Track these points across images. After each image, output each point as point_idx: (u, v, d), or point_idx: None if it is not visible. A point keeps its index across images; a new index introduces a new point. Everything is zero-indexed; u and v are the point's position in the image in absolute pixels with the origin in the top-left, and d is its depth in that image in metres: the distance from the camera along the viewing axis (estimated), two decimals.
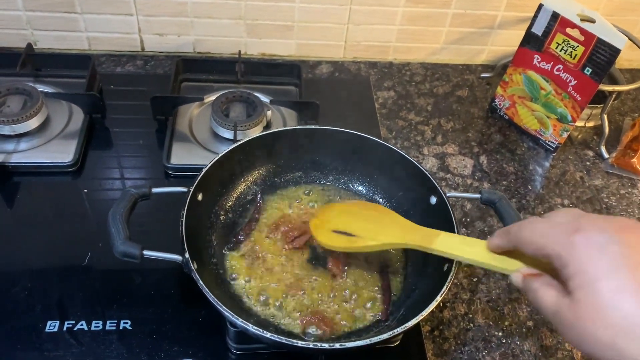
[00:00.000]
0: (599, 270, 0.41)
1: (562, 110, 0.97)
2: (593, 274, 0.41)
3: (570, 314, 0.42)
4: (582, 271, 0.41)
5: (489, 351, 0.73)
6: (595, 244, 0.41)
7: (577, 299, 0.41)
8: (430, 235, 0.62)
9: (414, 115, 1.07)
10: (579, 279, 0.41)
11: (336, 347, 0.57)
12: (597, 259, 0.41)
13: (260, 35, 1.11)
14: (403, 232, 0.66)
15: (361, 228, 0.69)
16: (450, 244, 0.60)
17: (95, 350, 0.67)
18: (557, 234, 0.44)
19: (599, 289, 0.40)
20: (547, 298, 0.45)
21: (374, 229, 0.68)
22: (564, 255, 0.43)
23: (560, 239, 0.44)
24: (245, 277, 0.71)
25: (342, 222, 0.70)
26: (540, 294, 0.46)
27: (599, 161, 1.03)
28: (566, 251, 0.43)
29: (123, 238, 0.61)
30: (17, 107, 0.91)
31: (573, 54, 0.92)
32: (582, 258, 0.42)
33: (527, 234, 0.48)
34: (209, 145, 0.93)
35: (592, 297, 0.40)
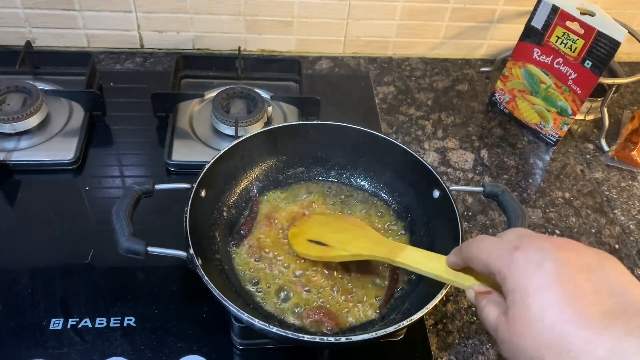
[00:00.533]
0: (531, 286, 0.41)
1: (562, 103, 0.98)
2: (525, 289, 0.41)
3: (505, 330, 0.42)
4: (517, 287, 0.42)
5: (492, 344, 0.74)
6: (532, 260, 0.42)
7: (511, 315, 0.42)
8: (396, 248, 0.64)
9: (415, 110, 1.07)
10: (514, 295, 0.42)
11: (342, 341, 0.57)
12: (531, 276, 0.41)
13: (260, 31, 1.11)
14: (372, 244, 0.68)
15: (334, 239, 0.72)
16: (414, 258, 0.62)
17: (99, 347, 0.67)
18: (500, 250, 0.45)
19: (529, 304, 0.40)
20: (489, 315, 0.46)
21: (345, 240, 0.71)
22: (503, 272, 0.44)
23: (502, 255, 0.44)
24: (249, 273, 0.71)
25: (317, 232, 0.73)
26: (485, 311, 0.47)
27: (599, 154, 1.03)
28: (506, 267, 0.43)
29: (127, 234, 0.61)
30: (17, 105, 0.90)
31: (573, 47, 0.92)
32: (519, 274, 0.42)
33: (474, 250, 0.48)
34: (210, 142, 0.93)
35: (522, 312, 0.41)
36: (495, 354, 0.72)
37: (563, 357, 0.38)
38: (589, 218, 0.92)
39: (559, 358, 0.38)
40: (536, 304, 0.40)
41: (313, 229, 0.74)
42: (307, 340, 0.57)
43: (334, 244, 0.71)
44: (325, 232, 0.73)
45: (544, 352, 0.39)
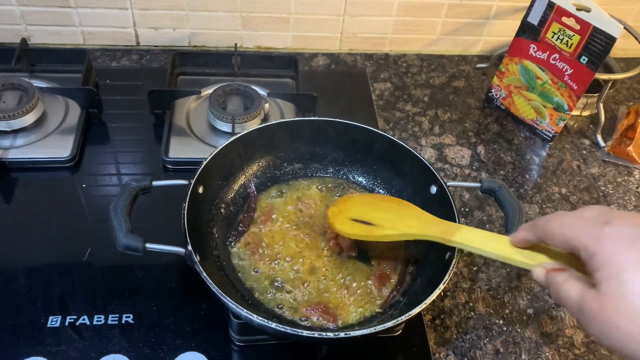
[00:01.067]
0: (627, 262, 0.40)
1: (559, 99, 0.98)
2: (621, 265, 0.40)
3: (595, 305, 0.42)
4: (610, 263, 0.41)
5: (490, 339, 0.74)
6: (625, 236, 0.41)
7: (603, 290, 0.41)
8: (452, 228, 0.62)
9: (411, 106, 1.07)
10: (607, 270, 0.41)
11: (340, 336, 0.57)
12: (626, 251, 0.41)
13: (256, 27, 1.11)
14: (424, 223, 0.65)
15: (380, 218, 0.68)
16: (472, 238, 0.60)
17: (97, 344, 0.67)
18: (586, 226, 0.44)
19: (626, 279, 0.40)
20: (572, 291, 0.45)
21: (393, 219, 0.67)
22: (592, 247, 0.43)
23: (589, 231, 0.44)
24: (247, 269, 0.71)
25: (361, 211, 0.70)
26: (565, 287, 0.46)
27: (595, 150, 1.04)
28: (595, 242, 0.43)
29: (125, 231, 0.61)
30: (13, 103, 0.90)
31: (569, 43, 0.92)
32: (611, 250, 0.41)
33: (554, 225, 0.47)
34: (207, 139, 0.93)
35: (618, 288, 0.40)
36: (493, 349, 0.73)
37: None
38: None
39: None
40: (636, 280, 0.40)
41: (356, 208, 0.71)
42: (305, 336, 0.57)
43: (381, 222, 0.67)
44: (370, 210, 0.70)
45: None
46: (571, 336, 0.75)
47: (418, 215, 0.68)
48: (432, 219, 0.66)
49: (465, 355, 0.72)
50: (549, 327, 0.76)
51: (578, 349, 0.74)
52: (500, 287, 0.80)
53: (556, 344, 0.74)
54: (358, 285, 0.71)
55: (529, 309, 0.78)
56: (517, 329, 0.75)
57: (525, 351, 0.73)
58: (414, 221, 0.66)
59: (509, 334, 0.75)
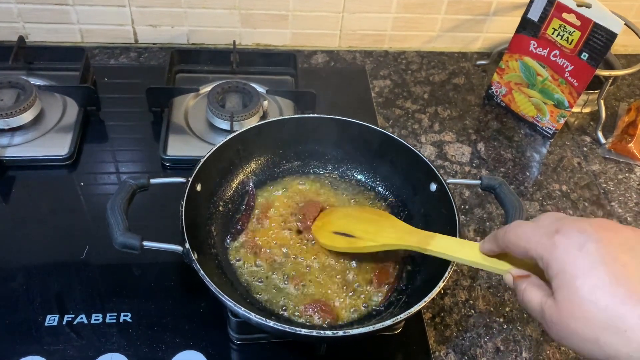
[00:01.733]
0: (577, 268, 0.42)
1: (559, 96, 0.97)
2: (572, 272, 0.42)
3: (553, 312, 0.43)
4: (562, 270, 0.43)
5: (490, 337, 0.74)
6: (575, 243, 0.43)
7: (558, 298, 0.43)
8: (427, 237, 0.64)
9: (411, 103, 1.07)
10: (560, 278, 0.43)
11: (339, 335, 0.56)
12: (576, 258, 0.42)
13: (255, 25, 1.10)
14: (401, 234, 0.68)
15: (361, 230, 0.71)
16: (446, 246, 0.62)
17: (95, 343, 0.67)
18: (539, 236, 0.46)
19: (577, 286, 0.41)
20: (533, 298, 0.46)
21: (373, 231, 0.71)
22: (546, 256, 0.44)
23: (542, 241, 0.45)
24: (246, 267, 0.71)
25: (343, 224, 0.73)
26: (527, 294, 0.47)
27: (596, 147, 1.03)
28: (548, 252, 0.44)
29: (122, 229, 0.61)
30: (11, 101, 0.89)
31: (569, 39, 0.92)
32: (562, 258, 0.43)
33: (512, 237, 0.49)
34: (206, 137, 0.92)
35: (572, 295, 0.41)
36: (493, 347, 0.72)
37: (620, 337, 0.39)
38: (587, 210, 0.91)
39: (615, 338, 0.39)
40: (586, 286, 0.41)
41: (337, 221, 0.74)
42: (303, 334, 0.56)
43: (361, 234, 0.71)
44: (350, 223, 0.73)
45: (598, 332, 0.40)
46: None
47: (396, 226, 0.71)
48: (409, 229, 0.69)
49: (465, 354, 0.72)
50: None
51: None
52: (501, 285, 0.79)
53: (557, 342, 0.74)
54: (357, 283, 0.70)
55: None
56: (518, 327, 0.75)
57: (525, 349, 0.73)
58: (392, 232, 0.69)
59: (509, 332, 0.74)
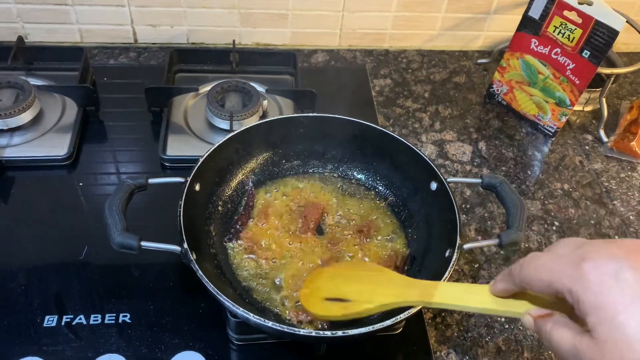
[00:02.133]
0: (617, 302, 0.37)
1: (561, 94, 0.97)
2: (612, 307, 0.38)
3: (593, 354, 0.39)
4: (599, 306, 0.38)
5: (492, 337, 0.73)
6: (607, 273, 0.38)
7: (598, 336, 0.38)
8: (430, 287, 0.57)
9: (411, 102, 1.06)
10: (598, 314, 0.38)
11: (338, 335, 0.56)
12: (612, 291, 0.38)
13: (255, 24, 1.10)
14: (400, 289, 0.60)
15: (354, 291, 0.61)
16: (452, 295, 0.55)
17: (94, 344, 0.66)
18: (563, 266, 0.41)
19: (622, 323, 0.37)
20: (564, 339, 0.42)
21: (368, 290, 0.61)
22: (576, 290, 0.40)
23: (568, 272, 0.40)
24: (245, 267, 0.70)
25: (333, 287, 0.63)
26: (556, 336, 0.42)
27: (598, 145, 1.02)
28: (577, 284, 0.39)
29: (120, 229, 0.60)
30: (10, 101, 0.89)
31: (571, 37, 0.91)
32: (597, 290, 0.38)
33: (531, 272, 0.44)
34: (205, 136, 0.92)
35: (616, 333, 0.37)
36: (495, 347, 0.72)
37: None
38: (589, 209, 0.91)
39: None
40: (632, 321, 0.37)
41: (326, 284, 0.64)
42: (302, 335, 0.56)
43: (355, 297, 0.60)
44: (341, 285, 0.63)
45: None
46: None
47: (393, 280, 0.62)
48: (408, 281, 0.61)
49: (466, 354, 0.71)
50: None
51: None
52: None
53: None
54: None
55: None
56: (519, 326, 0.74)
57: (527, 349, 0.72)
58: (390, 289, 0.60)
59: (510, 331, 0.74)
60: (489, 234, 0.85)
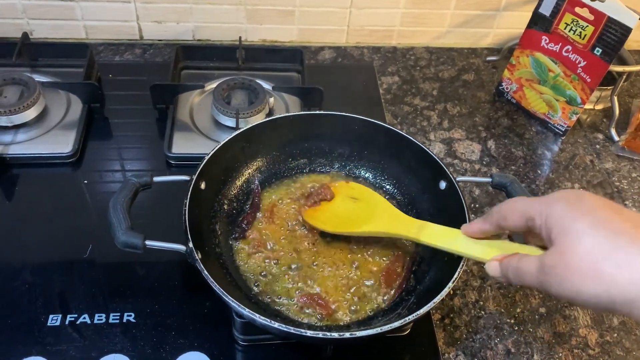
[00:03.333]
0: (576, 215, 0.45)
1: (571, 92, 0.95)
2: (572, 219, 0.45)
3: (552, 260, 0.45)
4: (562, 219, 0.45)
5: (501, 339, 0.72)
6: (572, 197, 0.47)
7: (560, 245, 0.45)
8: (419, 226, 0.66)
9: (420, 100, 1.05)
10: (560, 225, 0.45)
11: (346, 337, 0.55)
12: (574, 209, 0.45)
13: (261, 21, 1.09)
14: (393, 221, 0.69)
15: (354, 215, 0.72)
16: (437, 236, 0.63)
17: (98, 343, 0.66)
18: (536, 199, 0.50)
19: (578, 229, 0.44)
20: (530, 262, 0.48)
21: (365, 216, 0.71)
22: (545, 210, 0.47)
23: (540, 200, 0.49)
24: (251, 267, 0.69)
25: (337, 205, 0.75)
26: (523, 263, 0.49)
27: (609, 144, 1.01)
28: (547, 207, 0.47)
29: (124, 228, 0.59)
30: (14, 98, 0.89)
31: (582, 34, 0.89)
32: (561, 208, 0.46)
33: (509, 205, 0.52)
34: (211, 134, 0.91)
35: (573, 237, 0.44)
36: (504, 349, 0.71)
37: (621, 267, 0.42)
38: None
39: (616, 269, 0.42)
40: (585, 226, 0.44)
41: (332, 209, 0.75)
42: (309, 336, 0.55)
43: (354, 218, 0.72)
44: (343, 204, 0.74)
45: (600, 264, 0.42)
46: (585, 336, 0.73)
47: (388, 212, 0.71)
48: (401, 217, 0.70)
49: (475, 356, 0.70)
50: (562, 327, 0.74)
51: (592, 349, 0.72)
52: (512, 286, 0.77)
53: (569, 344, 0.72)
54: (365, 283, 0.69)
55: (541, 307, 0.75)
56: (529, 328, 0.73)
57: (537, 351, 0.71)
58: (384, 219, 0.70)
59: (520, 333, 0.73)
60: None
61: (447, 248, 0.61)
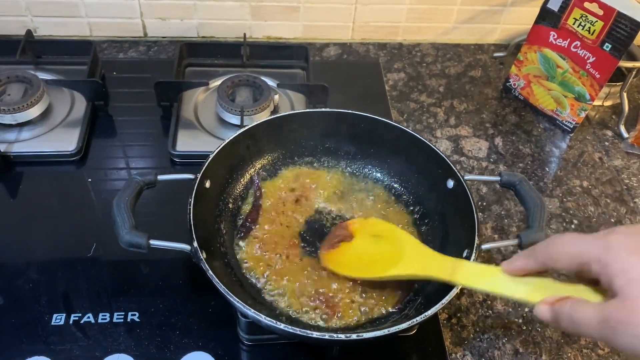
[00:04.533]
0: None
1: (580, 88, 0.94)
2: (638, 265, 0.40)
3: (621, 314, 0.40)
4: (626, 268, 0.41)
5: (509, 338, 0.71)
6: (633, 242, 0.42)
7: (627, 296, 0.40)
8: (453, 266, 0.59)
9: (426, 97, 1.04)
10: (625, 275, 0.41)
11: (352, 338, 0.54)
12: (638, 251, 0.41)
13: (266, 17, 1.08)
14: (425, 262, 0.62)
15: (380, 255, 0.66)
16: (475, 277, 0.57)
17: (102, 343, 0.65)
18: (590, 239, 0.44)
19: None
20: (587, 312, 0.43)
21: (392, 258, 0.65)
22: (604, 257, 0.42)
23: (595, 243, 0.43)
24: (256, 266, 0.69)
25: (360, 246, 0.68)
26: (578, 312, 0.44)
27: (618, 141, 0.99)
28: (605, 252, 0.42)
29: (128, 227, 0.59)
30: (18, 96, 0.88)
31: (591, 30, 0.88)
32: (623, 255, 0.41)
33: (558, 246, 0.46)
34: (215, 132, 0.90)
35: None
36: (512, 349, 0.70)
37: None
38: (609, 207, 0.88)
39: None
40: None
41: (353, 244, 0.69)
42: (315, 338, 0.54)
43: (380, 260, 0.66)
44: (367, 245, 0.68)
45: None
46: None
47: (419, 251, 0.65)
48: (433, 256, 0.63)
49: (483, 356, 0.69)
50: None
51: (602, 349, 0.71)
52: None
53: (578, 344, 0.71)
54: (372, 283, 0.68)
55: None
56: (537, 328, 0.72)
57: (545, 351, 0.70)
58: (414, 260, 0.63)
59: (528, 333, 0.72)
60: (505, 233, 0.83)
61: (487, 290, 0.55)
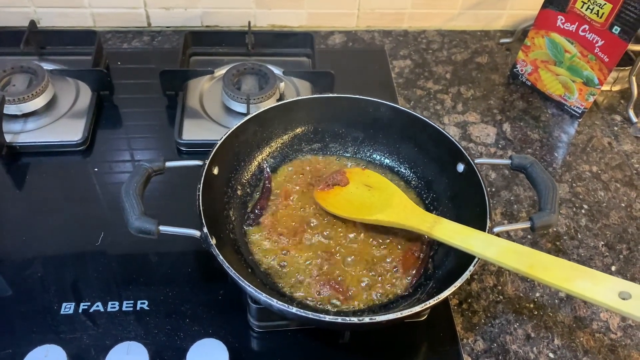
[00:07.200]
0: None
1: (588, 73, 0.93)
2: None
3: None
4: None
5: (520, 323, 0.70)
6: None
7: None
8: (433, 220, 0.65)
9: (433, 83, 1.03)
10: None
11: (365, 322, 0.54)
12: None
13: (270, 5, 1.07)
14: (406, 213, 0.68)
15: (368, 202, 0.71)
16: (451, 233, 0.62)
17: (112, 331, 0.65)
18: None
19: None
20: None
21: (379, 205, 0.70)
22: None
23: None
24: (265, 252, 0.68)
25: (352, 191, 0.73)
26: None
27: (627, 126, 0.99)
28: None
29: (138, 213, 0.58)
30: (23, 86, 0.88)
31: (600, 13, 0.87)
32: None
33: None
34: (221, 120, 0.90)
35: None
36: (523, 334, 0.69)
37: None
38: (619, 192, 0.87)
39: None
40: None
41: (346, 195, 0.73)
42: (327, 321, 0.54)
43: (367, 205, 0.71)
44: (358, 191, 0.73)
45: None
46: (607, 320, 0.71)
47: (402, 203, 0.70)
48: (416, 210, 0.69)
49: (494, 341, 0.69)
50: (582, 311, 0.72)
51: (614, 334, 0.70)
52: None
53: (590, 328, 0.71)
54: (383, 267, 0.67)
55: (560, 292, 0.74)
56: (549, 312, 0.72)
57: (557, 336, 0.69)
58: (398, 209, 0.69)
59: (540, 318, 0.71)
60: (515, 218, 0.82)
61: (462, 246, 0.60)
